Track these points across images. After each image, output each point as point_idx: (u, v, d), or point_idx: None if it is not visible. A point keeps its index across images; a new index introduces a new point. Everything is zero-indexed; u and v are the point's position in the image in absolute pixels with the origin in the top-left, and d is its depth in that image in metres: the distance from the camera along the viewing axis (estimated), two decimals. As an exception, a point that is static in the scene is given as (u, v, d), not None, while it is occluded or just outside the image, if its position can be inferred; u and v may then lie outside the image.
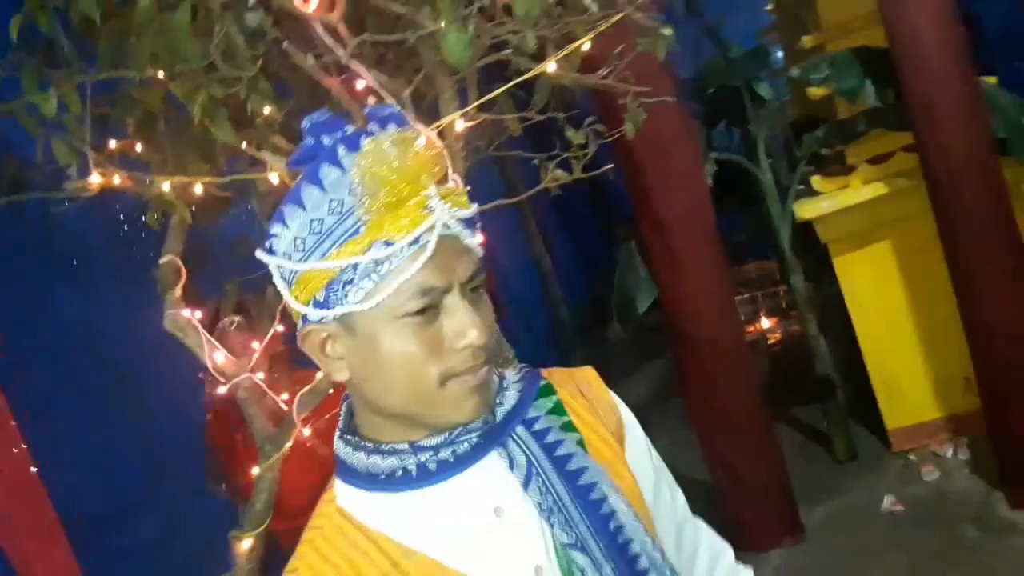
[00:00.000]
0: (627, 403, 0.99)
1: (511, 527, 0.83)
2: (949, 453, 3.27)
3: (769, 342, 5.11)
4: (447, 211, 0.77)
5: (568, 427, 0.90)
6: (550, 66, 1.45)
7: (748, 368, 3.07)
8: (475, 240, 0.81)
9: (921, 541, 2.86)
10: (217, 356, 1.58)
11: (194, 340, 1.58)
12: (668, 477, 1.00)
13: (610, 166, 1.67)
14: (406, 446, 0.81)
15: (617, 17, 1.43)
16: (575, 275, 6.15)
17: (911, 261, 3.15)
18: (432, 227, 0.76)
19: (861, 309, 3.31)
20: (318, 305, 0.78)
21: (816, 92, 3.24)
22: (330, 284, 0.77)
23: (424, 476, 0.81)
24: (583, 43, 1.55)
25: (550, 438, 0.88)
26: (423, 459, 0.81)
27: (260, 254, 0.82)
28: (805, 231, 3.38)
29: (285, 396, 1.60)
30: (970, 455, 3.19)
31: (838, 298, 3.42)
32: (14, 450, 1.98)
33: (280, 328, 1.55)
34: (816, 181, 3.18)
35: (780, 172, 3.49)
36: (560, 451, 0.87)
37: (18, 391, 1.96)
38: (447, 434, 0.81)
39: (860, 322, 3.33)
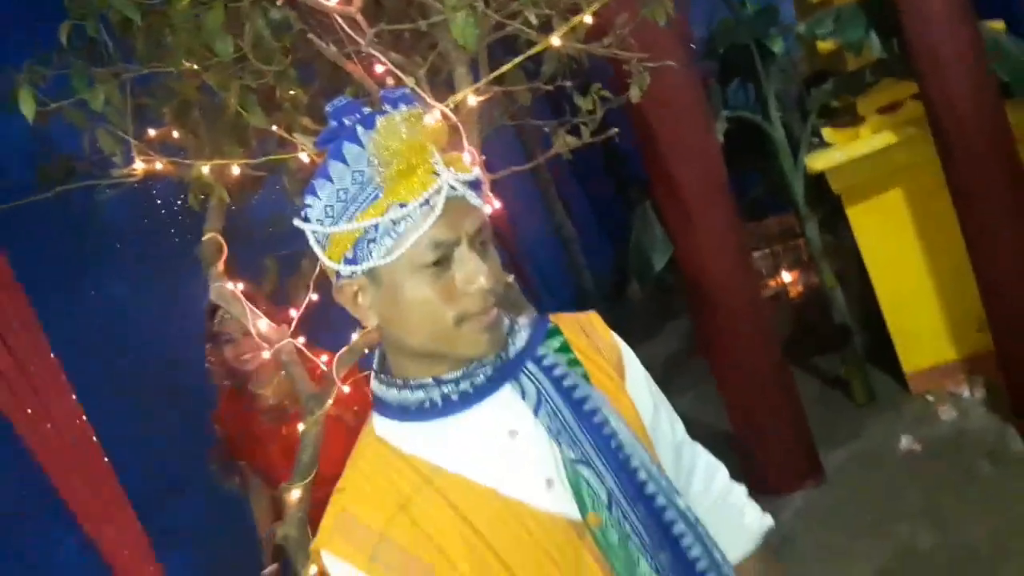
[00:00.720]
0: (652, 362, 1.12)
1: (524, 447, 0.96)
2: (965, 393, 3.35)
3: (790, 295, 5.19)
4: (451, 175, 0.89)
5: (573, 362, 1.03)
6: (555, 38, 1.55)
7: (765, 320, 3.17)
8: (479, 200, 0.93)
9: (937, 477, 2.97)
10: (261, 324, 1.72)
11: (238, 309, 1.73)
12: (667, 406, 1.12)
13: (615, 130, 1.76)
14: (431, 380, 0.94)
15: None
16: (597, 242, 6.25)
17: (922, 207, 3.21)
18: (439, 189, 0.88)
19: (875, 256, 3.39)
20: (348, 262, 0.91)
21: (825, 46, 3.30)
22: (357, 243, 0.90)
23: (448, 406, 0.95)
24: (585, 15, 1.64)
25: (557, 372, 1.00)
26: (446, 391, 0.94)
27: (297, 222, 0.95)
28: (819, 183, 3.46)
29: (324, 358, 1.74)
30: (986, 393, 3.26)
31: (854, 247, 3.50)
32: (77, 421, 2.16)
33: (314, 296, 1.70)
34: (827, 132, 3.24)
35: (793, 127, 3.55)
36: (566, 382, 1.00)
37: (71, 372, 2.13)
38: (465, 368, 0.94)
39: (875, 269, 3.41)
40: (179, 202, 2.83)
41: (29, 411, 1.95)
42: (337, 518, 0.93)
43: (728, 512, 1.14)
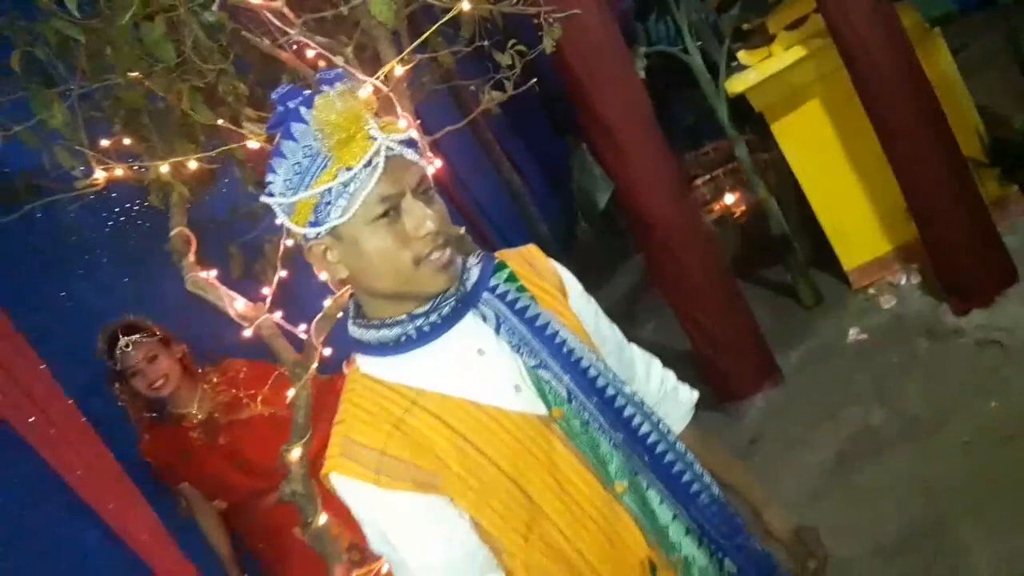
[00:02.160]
0: (612, 298, 1.30)
1: (492, 361, 1.12)
2: (903, 280, 3.58)
3: (735, 216, 5.40)
4: (386, 138, 1.04)
5: (521, 289, 1.19)
6: (465, 3, 1.68)
7: (705, 240, 3.36)
8: (417, 156, 1.07)
9: (883, 361, 3.21)
10: (237, 304, 1.85)
11: (215, 295, 1.86)
12: (604, 316, 1.29)
13: (534, 79, 1.89)
14: (404, 317, 1.10)
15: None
16: (546, 191, 6.39)
17: (839, 113, 3.40)
18: (378, 151, 1.02)
19: (803, 165, 3.59)
20: (312, 225, 1.05)
21: (729, -28, 3.44)
22: (316, 208, 1.04)
23: (421, 337, 1.10)
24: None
25: (510, 297, 1.17)
26: (419, 324, 1.10)
27: (263, 198, 1.09)
28: (744, 105, 3.63)
29: (303, 326, 1.87)
30: (920, 278, 3.50)
31: (784, 161, 3.70)
32: (77, 422, 2.26)
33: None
34: (742, 55, 3.41)
35: (712, 54, 3.71)
36: (519, 304, 1.16)
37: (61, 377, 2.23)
38: (431, 303, 1.10)
39: (804, 177, 3.61)
40: (136, 206, 2.92)
41: (31, 419, 2.07)
42: (341, 446, 1.09)
43: (665, 391, 1.33)
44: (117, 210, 2.87)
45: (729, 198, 5.48)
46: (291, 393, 1.87)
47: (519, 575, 1.13)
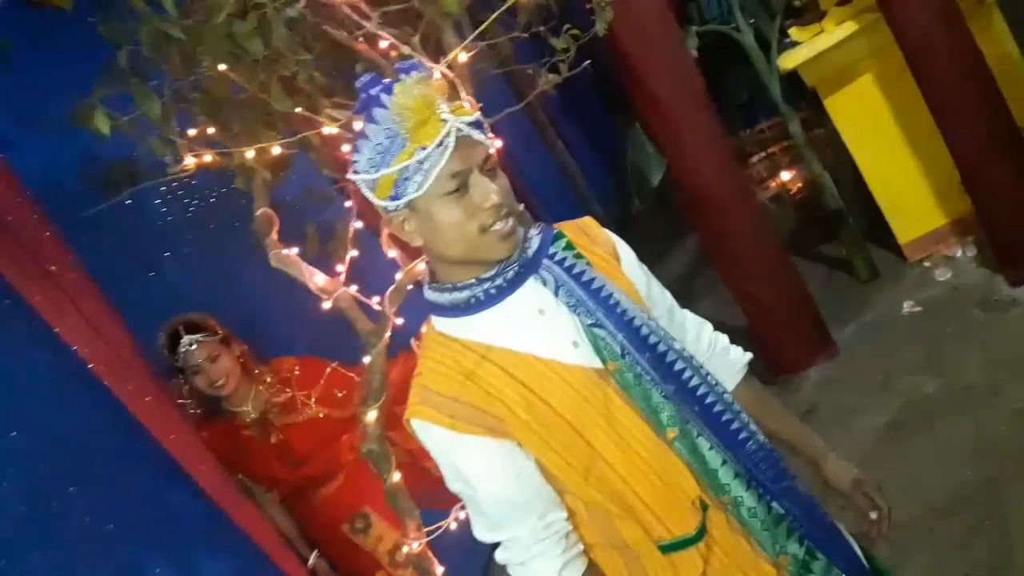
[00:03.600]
0: (668, 275, 1.42)
1: (552, 320, 1.24)
2: (958, 253, 3.60)
3: (791, 192, 5.40)
4: (456, 120, 1.16)
5: (578, 255, 1.30)
6: (522, -9, 1.80)
7: (759, 216, 3.42)
8: (483, 136, 1.19)
9: (936, 332, 3.24)
10: (317, 279, 2.01)
11: (296, 270, 2.02)
12: (656, 281, 1.40)
13: (588, 62, 2.00)
14: (473, 281, 1.23)
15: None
16: (601, 173, 6.48)
17: (891, 87, 3.41)
18: (449, 132, 1.15)
19: (857, 141, 3.61)
20: (392, 199, 1.19)
21: (783, -52, 3.47)
22: (396, 183, 1.17)
23: (489, 299, 1.23)
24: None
25: (567, 263, 1.28)
26: (486, 287, 1.22)
27: (350, 175, 1.23)
28: (797, 81, 3.67)
29: (376, 298, 2.02)
30: (976, 250, 3.51)
31: (838, 136, 3.72)
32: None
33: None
34: (793, 31, 3.44)
35: (766, 31, 3.74)
36: (575, 269, 1.28)
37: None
38: (496, 268, 1.22)
39: (858, 152, 3.63)
40: (213, 195, 3.12)
41: (131, 387, 2.29)
42: (419, 395, 1.23)
43: (716, 352, 1.43)
44: (196, 198, 3.08)
45: (785, 175, 5.49)
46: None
47: (580, 511, 1.26)
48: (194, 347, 2.38)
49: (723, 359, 1.44)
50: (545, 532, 1.22)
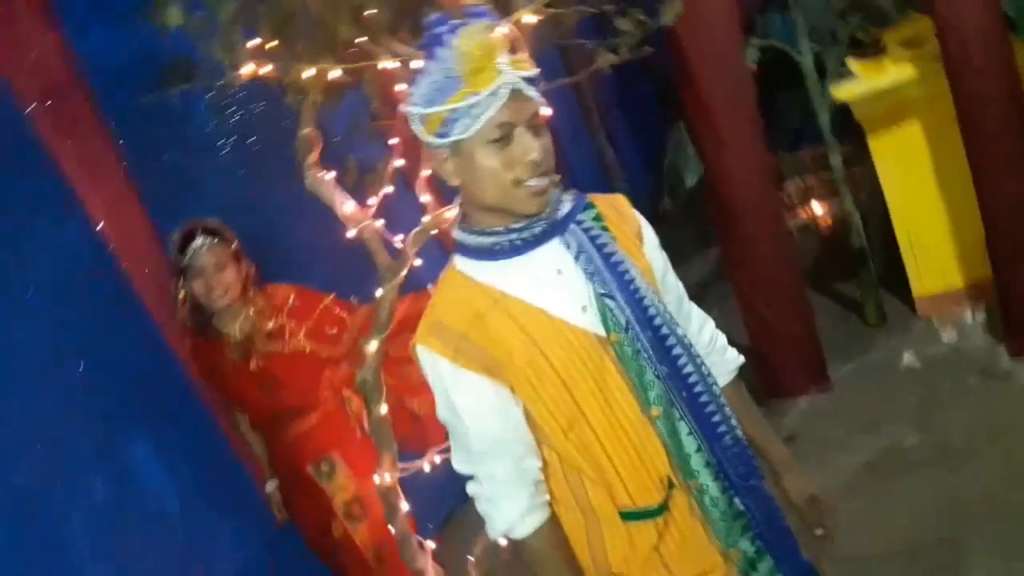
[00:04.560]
0: (685, 280, 1.49)
1: (567, 281, 1.30)
2: (968, 317, 3.62)
3: (819, 224, 5.42)
4: (513, 73, 1.20)
5: (604, 228, 1.36)
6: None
7: (785, 238, 3.46)
8: (536, 93, 1.23)
9: (931, 389, 3.27)
10: (347, 206, 2.07)
11: (328, 194, 2.08)
12: (672, 271, 1.46)
13: (650, 49, 2.03)
14: (501, 229, 1.28)
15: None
16: (637, 165, 6.49)
17: (938, 139, 3.41)
18: (503, 83, 1.19)
19: (892, 185, 3.63)
20: (438, 136, 1.24)
21: (859, -20, 3.47)
22: (444, 122, 1.22)
23: (513, 249, 1.28)
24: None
25: (592, 232, 1.33)
26: (512, 238, 1.28)
27: (403, 107, 1.28)
28: (847, 114, 3.68)
29: (400, 236, 2.08)
30: (986, 317, 3.53)
31: (875, 177, 3.74)
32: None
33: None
34: (851, 63, 3.44)
35: (826, 58, 3.74)
36: (599, 240, 1.33)
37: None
38: (525, 222, 1.28)
39: (892, 197, 3.65)
40: (259, 109, 3.17)
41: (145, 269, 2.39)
42: (429, 324, 1.29)
43: (715, 349, 1.49)
44: (241, 111, 3.13)
45: (816, 205, 5.50)
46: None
47: (554, 465, 1.32)
48: (205, 249, 2.36)
49: (719, 356, 1.49)
50: (518, 475, 1.29)
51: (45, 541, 2.19)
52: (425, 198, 2.21)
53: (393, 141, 2.14)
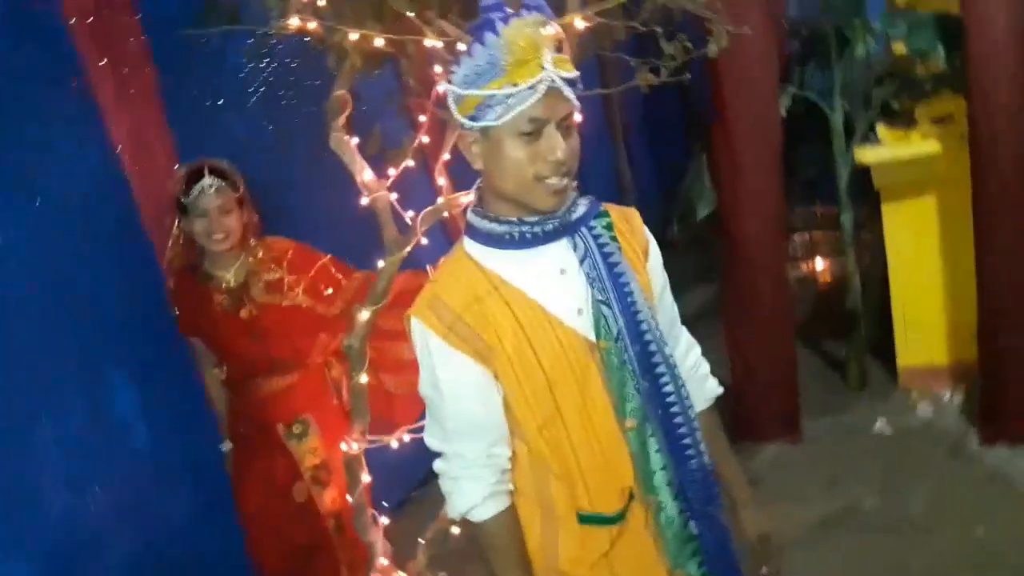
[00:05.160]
0: (680, 310, 1.52)
1: (568, 282, 1.33)
2: (946, 396, 3.67)
3: (818, 281, 5.47)
4: (555, 71, 1.23)
5: (613, 237, 1.38)
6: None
7: (783, 282, 3.49)
8: (572, 95, 1.26)
9: (897, 456, 3.33)
10: (366, 173, 2.09)
11: (350, 158, 2.10)
12: (670, 293, 1.49)
13: (688, 75, 2.06)
14: (515, 220, 1.31)
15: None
16: (652, 190, 6.53)
17: (951, 216, 3.45)
18: (543, 80, 1.21)
19: (897, 255, 3.67)
20: (470, 119, 1.26)
21: (901, 49, 3.52)
22: (479, 106, 1.25)
23: (522, 241, 1.31)
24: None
25: (601, 239, 1.36)
26: (523, 230, 1.31)
27: (442, 84, 1.31)
28: (865, 178, 3.72)
29: (411, 213, 2.10)
30: (963, 399, 3.58)
31: (882, 242, 3.79)
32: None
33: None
34: (880, 130, 3.49)
35: (855, 119, 3.78)
36: (606, 249, 1.36)
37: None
38: (538, 217, 1.30)
39: (894, 265, 3.69)
40: (296, 64, 3.19)
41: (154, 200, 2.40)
42: (428, 299, 1.31)
43: (697, 375, 1.52)
44: (277, 63, 3.16)
45: (819, 261, 5.55)
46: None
47: (522, 458, 1.35)
48: (213, 190, 2.31)
49: (700, 383, 1.53)
50: (486, 460, 1.32)
51: (18, 459, 2.21)
52: (441, 181, 2.23)
53: (421, 119, 2.17)
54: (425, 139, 2.16)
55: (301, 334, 2.51)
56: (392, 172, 2.14)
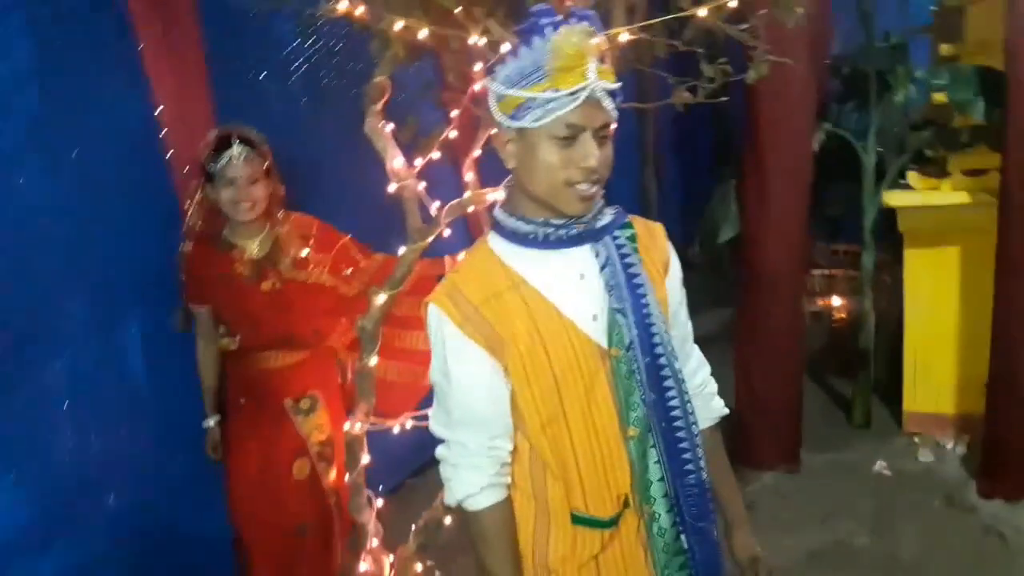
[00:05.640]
0: (694, 332, 1.54)
1: (587, 288, 1.34)
2: (949, 445, 3.67)
3: (832, 317, 5.47)
4: (597, 81, 1.25)
5: (635, 249, 1.40)
6: (702, 10, 1.88)
7: (798, 315, 3.50)
8: (611, 106, 1.28)
9: (893, 498, 3.33)
10: (396, 161, 2.12)
11: (382, 144, 2.13)
12: (686, 310, 1.51)
13: (725, 98, 2.08)
14: (541, 221, 1.33)
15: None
16: (676, 209, 6.54)
17: (973, 267, 3.47)
18: (584, 88, 1.24)
19: (914, 300, 3.68)
20: (509, 118, 1.29)
21: (940, 98, 3.52)
22: (518, 107, 1.27)
23: (546, 242, 1.33)
24: (731, 1, 1.95)
25: (624, 250, 1.38)
26: (548, 232, 1.33)
27: (485, 81, 1.33)
28: (890, 221, 3.72)
29: (437, 204, 2.12)
30: (966, 450, 3.58)
31: (901, 286, 3.79)
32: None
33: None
34: (911, 176, 3.50)
35: (888, 163, 3.79)
36: (627, 259, 1.38)
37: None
38: (564, 220, 1.33)
39: (911, 310, 3.70)
40: (340, 47, 3.23)
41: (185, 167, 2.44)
42: (448, 288, 1.34)
43: (704, 393, 1.54)
44: (321, 44, 3.20)
45: (836, 299, 5.54)
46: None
47: (523, 453, 1.37)
48: (242, 159, 2.28)
49: (706, 401, 1.54)
50: (487, 451, 1.34)
51: (28, 398, 2.26)
52: (469, 176, 2.25)
53: (454, 114, 2.19)
54: (454, 134, 2.19)
55: (322, 312, 2.50)
56: (419, 162, 2.17)
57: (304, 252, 2.43)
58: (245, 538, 2.48)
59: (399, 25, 1.99)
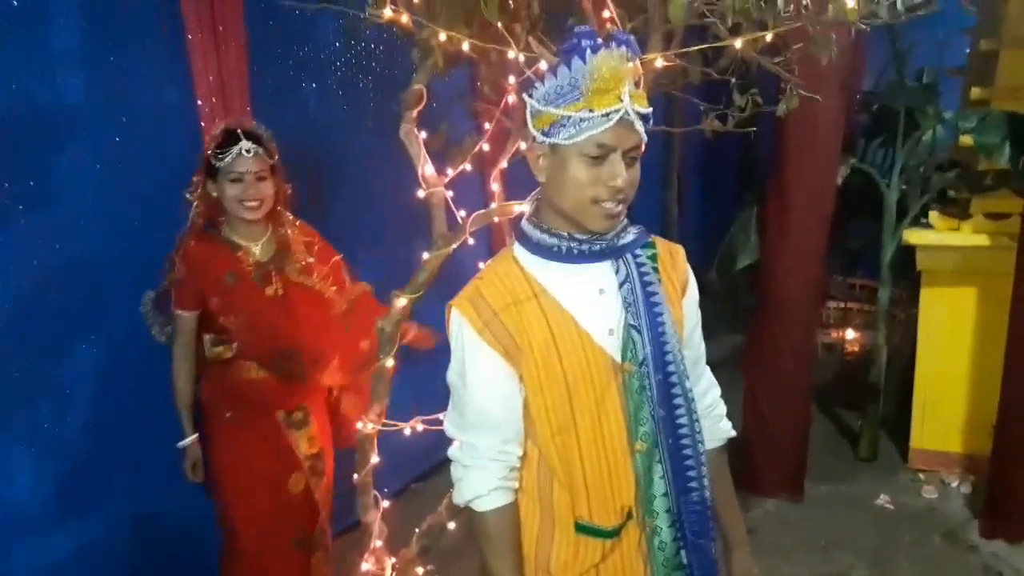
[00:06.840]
0: (706, 356, 1.58)
1: (605, 302, 1.39)
2: (954, 483, 3.68)
3: (845, 350, 5.48)
4: (631, 105, 1.30)
5: (655, 268, 1.45)
6: (738, 42, 1.92)
7: (810, 346, 3.52)
8: (642, 128, 1.33)
9: (894, 533, 3.34)
10: (427, 167, 2.17)
11: (415, 150, 2.18)
12: (700, 332, 1.54)
13: (754, 128, 2.12)
14: (565, 234, 1.37)
15: (797, 24, 1.88)
16: (696, 232, 6.57)
17: (989, 308, 3.48)
18: (618, 110, 1.28)
19: (928, 338, 3.69)
20: (543, 134, 1.33)
21: (967, 141, 3.54)
22: (553, 124, 1.32)
23: (568, 256, 1.38)
24: (768, 34, 2.00)
25: (644, 268, 1.42)
26: (571, 245, 1.37)
27: (524, 96, 1.38)
28: (909, 258, 3.74)
29: (463, 212, 2.17)
30: (971, 490, 3.58)
31: (915, 323, 3.80)
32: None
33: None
34: (933, 215, 3.52)
35: (910, 200, 3.81)
36: (647, 277, 1.42)
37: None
38: (588, 236, 1.37)
39: (923, 347, 3.71)
40: (380, 52, 3.30)
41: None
42: (471, 293, 1.38)
43: (712, 414, 1.57)
44: (367, 48, 3.27)
45: (849, 332, 5.56)
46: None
47: (532, 459, 1.42)
48: (251, 155, 2.23)
49: (714, 422, 1.58)
50: (497, 454, 1.38)
51: (53, 361, 2.35)
52: (495, 187, 2.30)
53: (488, 126, 2.24)
54: (487, 147, 2.24)
55: (322, 324, 2.43)
56: (451, 172, 2.22)
57: (310, 259, 2.41)
58: (244, 550, 2.40)
59: (442, 36, 2.05)
